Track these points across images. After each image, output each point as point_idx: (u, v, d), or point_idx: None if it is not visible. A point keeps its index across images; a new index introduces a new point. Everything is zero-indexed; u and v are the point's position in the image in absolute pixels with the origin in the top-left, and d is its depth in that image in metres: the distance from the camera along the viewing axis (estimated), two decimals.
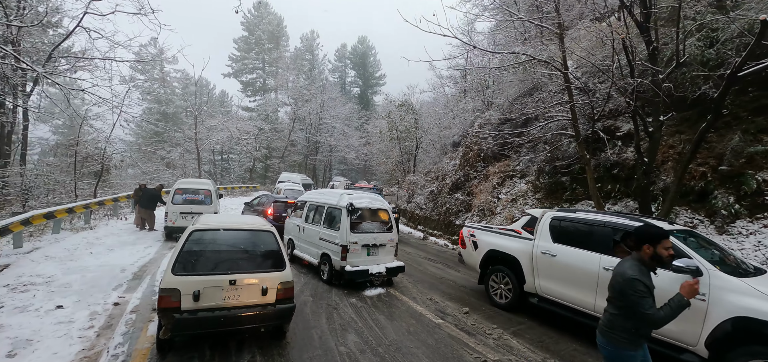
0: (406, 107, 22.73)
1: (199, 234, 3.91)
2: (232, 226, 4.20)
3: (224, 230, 4.10)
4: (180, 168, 27.79)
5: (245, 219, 4.59)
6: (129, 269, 6.85)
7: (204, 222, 4.11)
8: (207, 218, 4.36)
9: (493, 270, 6.14)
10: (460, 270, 9.16)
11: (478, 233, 6.50)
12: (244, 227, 4.23)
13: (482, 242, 6.30)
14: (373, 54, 60.25)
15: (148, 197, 10.62)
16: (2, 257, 7.09)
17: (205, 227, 3.99)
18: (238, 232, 4.19)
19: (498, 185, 15.03)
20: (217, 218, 4.60)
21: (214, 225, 4.09)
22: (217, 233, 4.06)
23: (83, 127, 13.96)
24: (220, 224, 4.15)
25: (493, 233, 6.25)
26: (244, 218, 4.68)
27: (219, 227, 4.10)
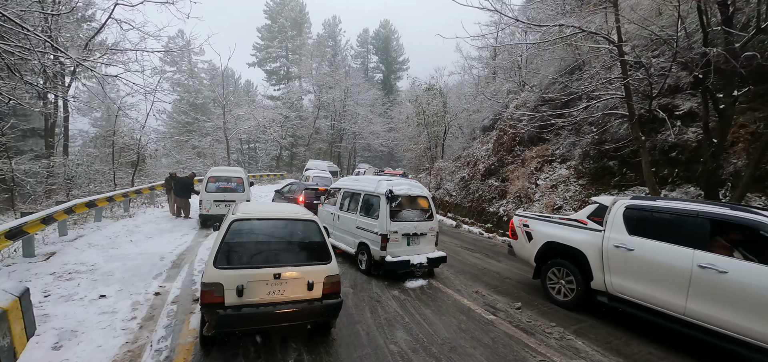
0: (434, 91, 21.89)
1: (240, 224, 3.62)
2: (274, 215, 3.89)
3: (266, 219, 3.80)
4: (210, 157, 28.43)
5: (286, 208, 4.28)
6: (167, 258, 6.82)
7: (244, 211, 3.82)
8: (247, 207, 4.08)
9: (551, 264, 5.55)
10: (502, 261, 8.63)
11: (532, 223, 5.89)
12: (286, 217, 3.91)
13: (538, 233, 5.71)
14: (395, 38, 59.04)
15: (181, 186, 10.70)
16: (49, 244, 7.25)
17: (246, 217, 3.70)
18: (280, 222, 3.88)
19: (536, 171, 14.18)
20: (257, 206, 4.31)
21: (255, 214, 3.80)
22: (259, 223, 3.77)
23: (119, 117, 14.33)
24: (261, 214, 3.85)
25: (552, 224, 5.63)
26: (285, 207, 4.37)
27: (261, 216, 3.80)
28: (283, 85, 47.45)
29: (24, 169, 10.54)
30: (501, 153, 15.59)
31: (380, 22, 58.53)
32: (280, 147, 34.61)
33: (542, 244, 5.56)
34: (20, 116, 18.57)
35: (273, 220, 3.84)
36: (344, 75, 38.21)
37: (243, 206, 4.16)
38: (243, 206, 4.20)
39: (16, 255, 6.31)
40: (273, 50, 48.05)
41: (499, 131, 16.03)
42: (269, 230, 3.79)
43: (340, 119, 37.73)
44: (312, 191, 11.07)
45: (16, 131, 17.94)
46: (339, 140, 38.77)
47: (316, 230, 3.89)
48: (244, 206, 4.21)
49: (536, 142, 15.12)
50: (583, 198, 11.13)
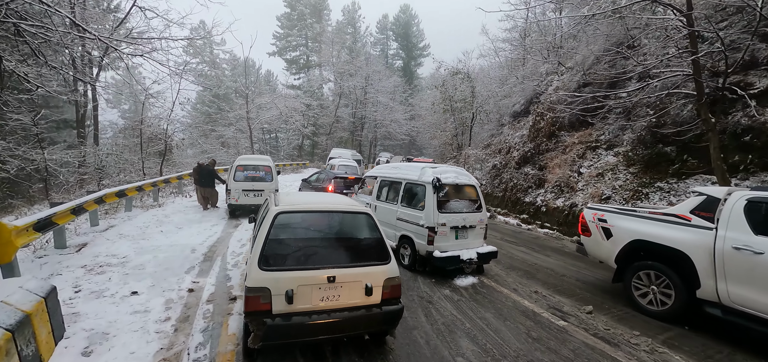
0: (462, 75, 20.86)
1: (287, 218, 3.10)
2: (324, 207, 3.35)
3: (315, 212, 3.27)
4: (233, 147, 28.55)
5: (335, 199, 3.73)
6: (199, 250, 6.48)
7: (290, 202, 3.28)
8: (292, 198, 3.55)
9: (639, 267, 4.69)
10: (551, 256, 7.89)
11: (612, 217, 5.04)
12: (337, 209, 3.36)
13: (620, 229, 4.88)
14: (415, 23, 57.44)
15: (206, 175, 10.39)
16: (80, 235, 7.08)
17: (292, 208, 3.17)
18: (331, 214, 3.34)
19: (578, 158, 13.15)
20: (302, 197, 3.78)
21: (302, 206, 3.26)
22: (308, 217, 3.24)
23: (146, 106, 14.29)
24: (309, 205, 3.31)
25: (638, 219, 4.77)
26: (334, 198, 3.83)
27: (309, 208, 3.26)
28: (303, 75, 47.18)
29: (56, 159, 10.58)
30: (538, 139, 14.59)
31: (400, 6, 56.99)
32: (302, 136, 34.44)
33: (626, 243, 4.73)
34: (53, 107, 19.00)
35: (323, 212, 3.30)
36: (365, 62, 37.41)
37: (286, 196, 3.64)
38: (285, 196, 3.68)
39: (48, 247, 6.12)
40: (293, 39, 47.75)
41: (536, 116, 14.98)
42: (319, 225, 3.25)
43: (362, 107, 37.11)
44: (341, 180, 10.58)
45: (49, 122, 18.37)
46: (360, 129, 38.23)
47: (371, 224, 3.32)
48: (287, 196, 3.69)
49: (578, 127, 14.04)
50: (636, 188, 10.14)
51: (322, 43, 43.09)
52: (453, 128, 21.39)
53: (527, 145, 15.13)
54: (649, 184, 10.05)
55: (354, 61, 37.31)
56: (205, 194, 10.39)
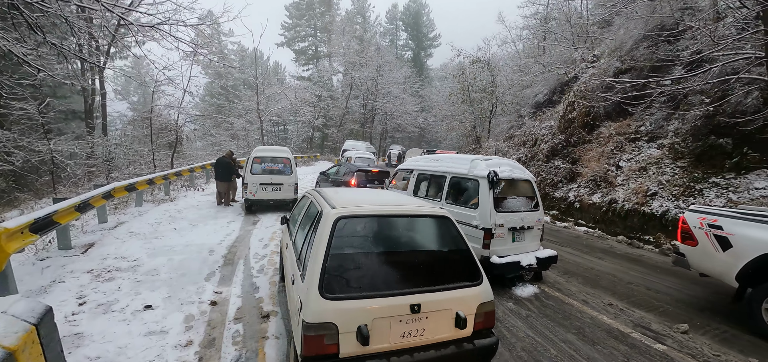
0: (482, 63, 19.85)
1: (350, 225, 2.33)
2: (394, 209, 2.56)
3: (383, 216, 2.48)
4: (243, 139, 27.93)
5: (403, 199, 2.95)
6: (217, 251, 5.79)
7: (348, 202, 2.51)
8: (343, 196, 2.77)
9: None
10: (605, 258, 7.07)
11: (730, 223, 4.00)
12: (410, 212, 2.58)
13: (744, 239, 3.82)
14: (426, 12, 56.09)
15: (222, 167, 9.67)
16: (88, 233, 6.44)
17: (355, 212, 2.40)
18: (402, 219, 2.57)
19: (616, 151, 12.19)
20: (357, 195, 2.99)
21: (367, 208, 2.48)
22: (375, 223, 2.47)
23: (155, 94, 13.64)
24: (375, 206, 2.53)
25: None
26: (399, 197, 3.04)
27: (376, 210, 2.48)
28: (312, 66, 46.35)
29: (62, 150, 10.00)
30: (570, 131, 13.65)
31: None
32: (312, 128, 33.70)
33: (755, 258, 3.68)
34: (61, 97, 18.48)
35: (393, 217, 2.52)
36: (376, 52, 36.42)
37: (336, 194, 2.86)
38: (335, 194, 2.91)
39: (51, 248, 5.49)
40: (301, 29, 46.88)
41: (567, 106, 14.03)
42: (390, 233, 2.49)
43: (372, 98, 36.21)
44: (363, 174, 9.80)
45: (57, 112, 17.85)
46: (371, 121, 37.38)
47: (454, 231, 2.55)
48: (337, 194, 2.92)
49: (614, 117, 13.07)
50: (687, 184, 9.22)
51: (331, 32, 42.12)
52: (472, 119, 20.43)
53: (557, 137, 14.20)
54: (702, 179, 9.11)
55: (364, 51, 36.33)
56: (220, 188, 9.71)
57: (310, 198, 3.18)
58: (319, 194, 2.99)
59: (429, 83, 50.77)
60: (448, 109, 22.60)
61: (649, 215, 9.25)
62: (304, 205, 3.35)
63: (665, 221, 8.84)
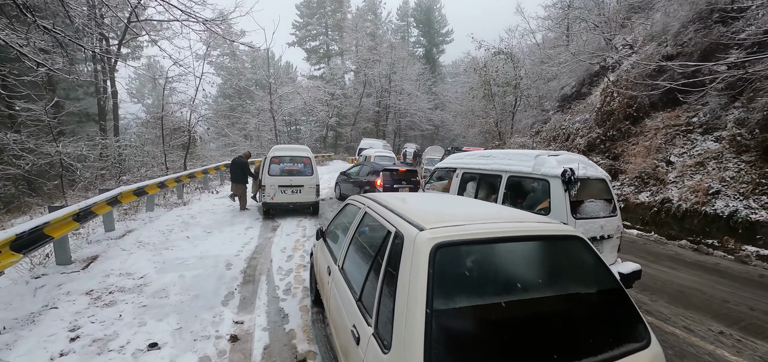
0: (505, 55, 18.77)
1: (453, 256, 1.47)
2: (506, 229, 1.69)
3: (498, 240, 1.61)
4: (256, 139, 27.45)
5: (508, 212, 2.08)
6: (235, 265, 5.03)
7: (437, 218, 1.64)
8: (424, 207, 1.91)
9: None
10: (677, 267, 6.08)
11: None
12: (528, 233, 1.73)
13: None
14: (438, 8, 55.01)
15: (235, 168, 8.98)
16: (92, 243, 5.78)
17: (458, 237, 1.55)
18: (520, 244, 1.69)
19: (666, 144, 11.03)
20: (444, 206, 2.08)
21: (473, 230, 1.61)
22: (487, 252, 1.59)
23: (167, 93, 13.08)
24: (482, 227, 1.66)
25: None
26: (502, 210, 2.20)
27: (485, 233, 1.61)
28: (324, 65, 45.81)
29: (69, 152, 9.47)
30: (609, 124, 12.53)
31: None
32: (326, 127, 33.07)
33: None
34: (73, 99, 18.21)
35: (509, 241, 1.64)
36: (389, 48, 35.54)
37: (412, 205, 1.99)
38: (405, 203, 2.05)
39: (48, 262, 4.81)
40: (312, 28, 46.38)
41: (605, 96, 12.91)
42: (508, 269, 1.63)
43: (386, 95, 35.38)
44: (389, 174, 8.97)
45: (69, 115, 17.56)
46: (385, 119, 36.56)
47: (593, 260, 1.67)
48: (410, 204, 2.06)
49: (661, 108, 11.91)
50: (756, 180, 8.11)
51: (343, 30, 41.44)
52: (496, 114, 19.37)
53: (594, 131, 13.08)
54: None
55: (377, 48, 35.50)
56: (235, 191, 9.03)
57: (364, 208, 2.35)
58: (379, 202, 2.16)
59: (442, 80, 49.73)
60: (468, 104, 21.58)
61: (712, 216, 8.16)
62: (353, 217, 2.50)
63: (734, 223, 7.75)
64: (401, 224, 1.65)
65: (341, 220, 2.90)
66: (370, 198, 2.43)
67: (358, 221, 2.35)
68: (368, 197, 2.48)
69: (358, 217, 2.39)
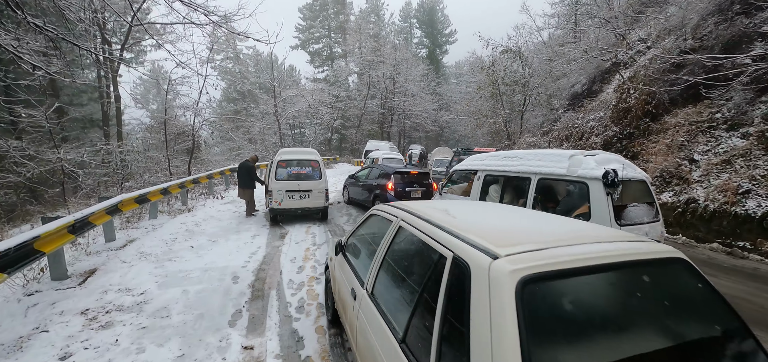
0: (513, 53, 18.35)
1: (544, 294, 1.08)
2: (602, 256, 1.26)
3: (592, 269, 1.22)
4: (260, 143, 27.21)
5: (595, 231, 1.62)
6: (242, 278, 4.68)
7: (516, 243, 1.24)
8: (498, 224, 1.51)
9: None
10: (717, 275, 5.64)
11: None
12: (629, 258, 1.30)
13: None
14: (440, 8, 54.76)
15: (242, 172, 8.68)
16: (92, 255, 5.45)
17: (547, 268, 1.14)
18: (618, 273, 1.30)
19: (688, 142, 10.56)
20: (517, 222, 1.64)
21: (561, 258, 1.20)
22: (581, 284, 1.20)
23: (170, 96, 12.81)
24: (569, 254, 1.24)
25: None
26: (591, 229, 1.69)
27: (575, 261, 1.20)
28: (327, 67, 45.66)
29: (71, 159, 9.20)
30: (626, 121, 12.08)
31: None
32: (331, 128, 32.79)
33: None
34: (77, 105, 18.06)
35: (607, 270, 1.24)
36: (393, 49, 35.24)
37: (472, 222, 1.58)
38: (453, 218, 1.66)
39: (43, 277, 4.49)
40: (315, 30, 46.26)
41: (621, 93, 12.45)
42: (613, 307, 1.25)
43: (391, 97, 35.06)
44: (400, 177, 8.58)
45: (73, 121, 17.39)
46: (389, 120, 36.23)
47: (708, 291, 1.29)
48: (465, 217, 1.67)
49: (681, 104, 11.44)
50: None
51: (346, 32, 41.24)
52: (505, 114, 18.94)
53: (610, 129, 12.63)
54: None
55: (381, 50, 35.22)
56: (244, 195, 8.72)
57: (397, 222, 1.97)
58: (417, 214, 1.79)
59: (445, 81, 49.41)
60: (475, 104, 21.19)
61: (743, 216, 7.70)
62: (382, 232, 2.12)
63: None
64: (461, 248, 1.28)
65: (364, 233, 2.54)
66: (402, 208, 2.07)
67: (390, 238, 1.98)
68: (400, 208, 2.11)
69: (389, 232, 2.02)
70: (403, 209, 2.04)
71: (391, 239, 1.96)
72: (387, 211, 2.26)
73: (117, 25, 17.22)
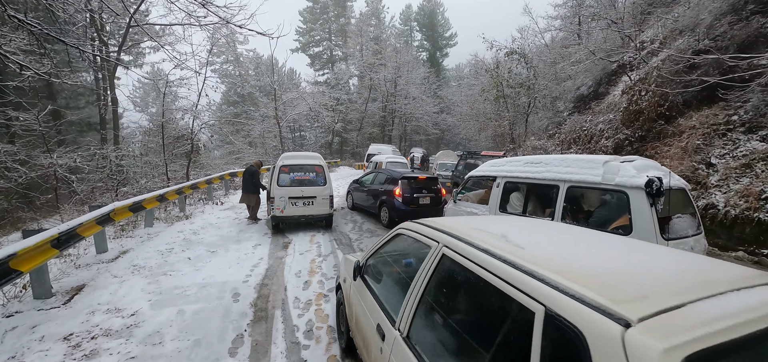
0: (518, 55, 18.05)
1: None
2: (756, 311, 0.88)
3: (757, 335, 0.83)
4: (261, 147, 26.86)
5: (727, 270, 1.20)
6: (244, 295, 4.29)
7: (635, 293, 0.89)
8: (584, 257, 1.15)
9: None
10: None
11: None
12: None
13: None
14: (441, 11, 54.76)
15: (245, 177, 8.33)
16: (81, 268, 5.06)
17: (710, 337, 0.74)
18: None
19: (704, 145, 10.21)
20: (643, 259, 1.27)
21: (715, 320, 0.81)
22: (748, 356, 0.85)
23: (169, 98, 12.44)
24: (721, 313, 0.85)
25: None
26: (729, 271, 1.22)
27: (736, 326, 0.82)
28: (327, 70, 45.44)
29: (64, 163, 8.81)
30: (638, 124, 11.74)
31: None
32: (331, 133, 32.47)
33: None
34: (73, 108, 17.70)
35: None
36: (394, 52, 34.98)
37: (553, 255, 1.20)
38: (536, 246, 1.29)
39: (25, 295, 4.10)
40: (316, 33, 46.06)
41: (631, 94, 12.12)
42: None
43: (392, 99, 34.78)
44: (407, 182, 8.19)
45: (71, 125, 17.02)
46: (391, 124, 35.93)
47: None
48: (537, 245, 1.30)
49: (696, 106, 11.12)
50: None
51: (347, 35, 41.04)
52: (510, 117, 18.61)
53: (621, 131, 12.29)
54: None
55: (382, 52, 34.96)
56: (245, 201, 8.35)
57: (438, 248, 1.59)
58: (470, 243, 1.41)
59: (446, 84, 49.26)
60: (479, 107, 20.88)
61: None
62: (416, 259, 1.74)
63: None
64: (560, 302, 0.90)
65: (389, 255, 2.17)
66: (442, 230, 1.68)
67: (430, 268, 1.60)
68: (440, 228, 1.72)
69: (429, 261, 1.63)
70: (443, 232, 1.65)
71: (431, 270, 1.58)
72: (421, 232, 1.86)
73: (115, 28, 16.91)
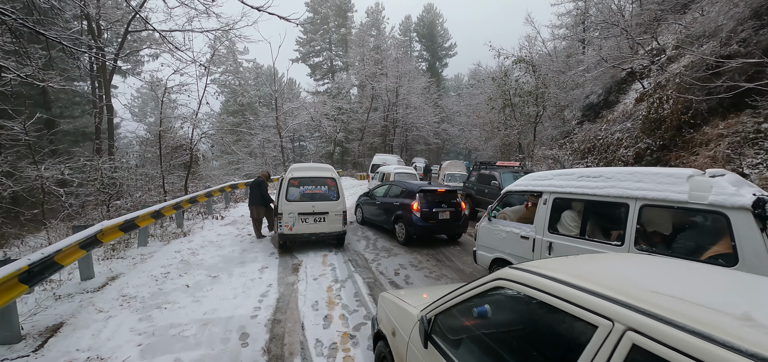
0: (526, 64, 17.64)
1: None
2: None
3: None
4: (261, 157, 26.23)
5: None
6: (254, 335, 3.60)
7: None
8: None
9: None
10: None
11: None
12: None
13: None
14: (440, 22, 55.13)
15: (253, 189, 7.69)
16: (60, 300, 4.35)
17: None
18: None
19: (734, 154, 9.66)
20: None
21: None
22: None
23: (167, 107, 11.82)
24: None
25: None
26: None
27: None
28: (328, 80, 45.17)
29: (50, 176, 8.11)
30: (660, 132, 11.21)
31: (424, 6, 54.74)
32: (332, 143, 31.94)
33: None
34: (67, 117, 17.03)
35: None
36: (395, 62, 34.71)
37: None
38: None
39: None
40: (316, 44, 45.90)
41: (652, 102, 11.62)
42: None
43: (393, 109, 34.42)
44: (425, 195, 7.54)
45: (65, 134, 16.33)
46: (392, 133, 35.48)
47: None
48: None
49: (721, 113, 10.61)
50: None
51: (348, 44, 40.89)
52: (519, 126, 18.12)
53: (642, 140, 11.76)
54: None
55: (383, 62, 34.70)
56: (252, 214, 7.70)
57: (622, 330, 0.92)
58: (716, 339, 0.78)
59: (446, 94, 49.20)
60: (485, 116, 20.41)
61: None
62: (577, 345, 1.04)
63: None
64: None
65: (481, 316, 1.51)
66: (617, 301, 1.00)
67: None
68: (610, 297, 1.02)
69: (593, 351, 0.97)
70: (627, 305, 0.94)
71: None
72: (558, 294, 1.16)
73: (113, 35, 16.39)
